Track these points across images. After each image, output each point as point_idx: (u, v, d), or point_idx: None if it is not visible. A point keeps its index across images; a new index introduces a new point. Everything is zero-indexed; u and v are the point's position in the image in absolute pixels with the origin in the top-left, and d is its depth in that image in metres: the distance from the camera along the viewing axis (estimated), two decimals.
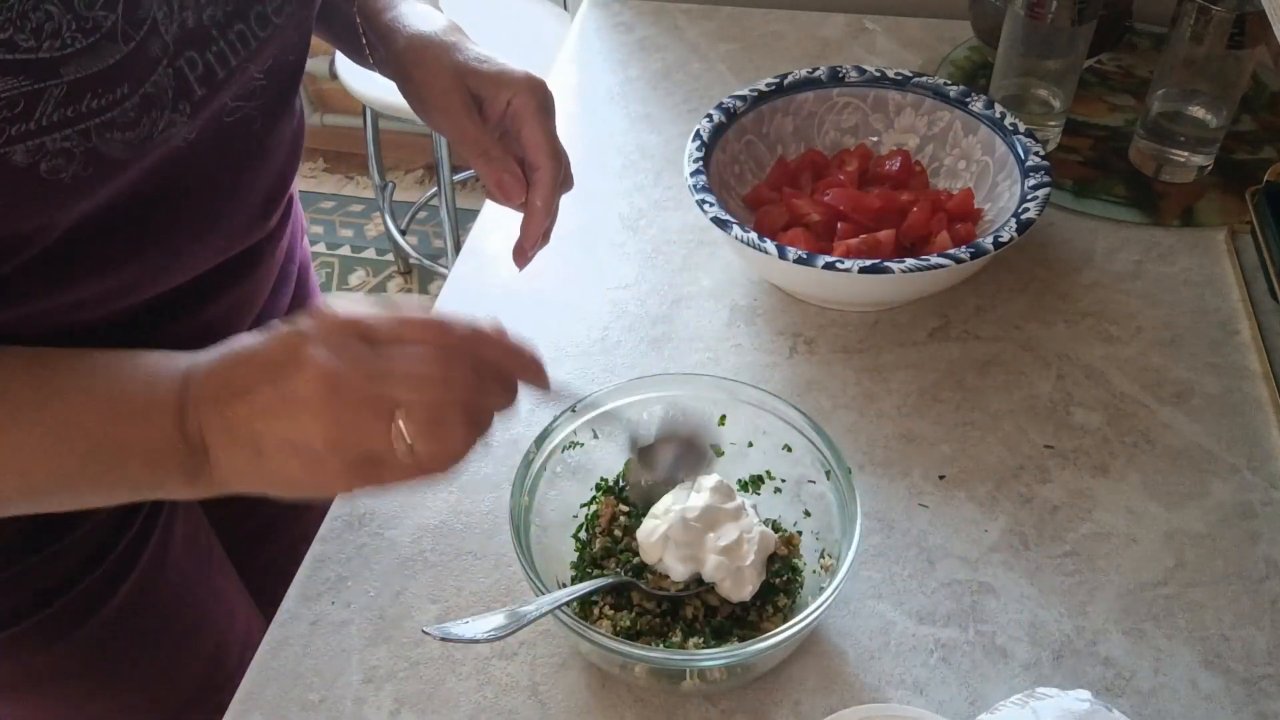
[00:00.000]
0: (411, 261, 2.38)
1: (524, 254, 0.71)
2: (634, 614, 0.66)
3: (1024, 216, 0.81)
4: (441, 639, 0.58)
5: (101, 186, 0.53)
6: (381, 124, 2.18)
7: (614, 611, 0.66)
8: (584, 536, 0.71)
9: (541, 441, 0.68)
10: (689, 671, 0.63)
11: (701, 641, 0.64)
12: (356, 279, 2.42)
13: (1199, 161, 0.97)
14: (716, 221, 0.82)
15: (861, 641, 0.68)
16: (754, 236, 0.81)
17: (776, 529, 0.70)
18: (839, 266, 0.79)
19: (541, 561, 0.65)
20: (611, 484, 0.72)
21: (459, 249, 1.21)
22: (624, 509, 0.71)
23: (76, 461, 0.51)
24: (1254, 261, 0.90)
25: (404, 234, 2.34)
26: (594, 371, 0.85)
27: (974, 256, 0.79)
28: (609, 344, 0.87)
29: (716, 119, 0.92)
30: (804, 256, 0.79)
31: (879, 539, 0.73)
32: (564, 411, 0.68)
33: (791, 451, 0.70)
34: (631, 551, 0.68)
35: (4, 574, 0.68)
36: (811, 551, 0.69)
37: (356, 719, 0.65)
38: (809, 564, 0.69)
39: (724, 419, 0.72)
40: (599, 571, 0.68)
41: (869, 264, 0.79)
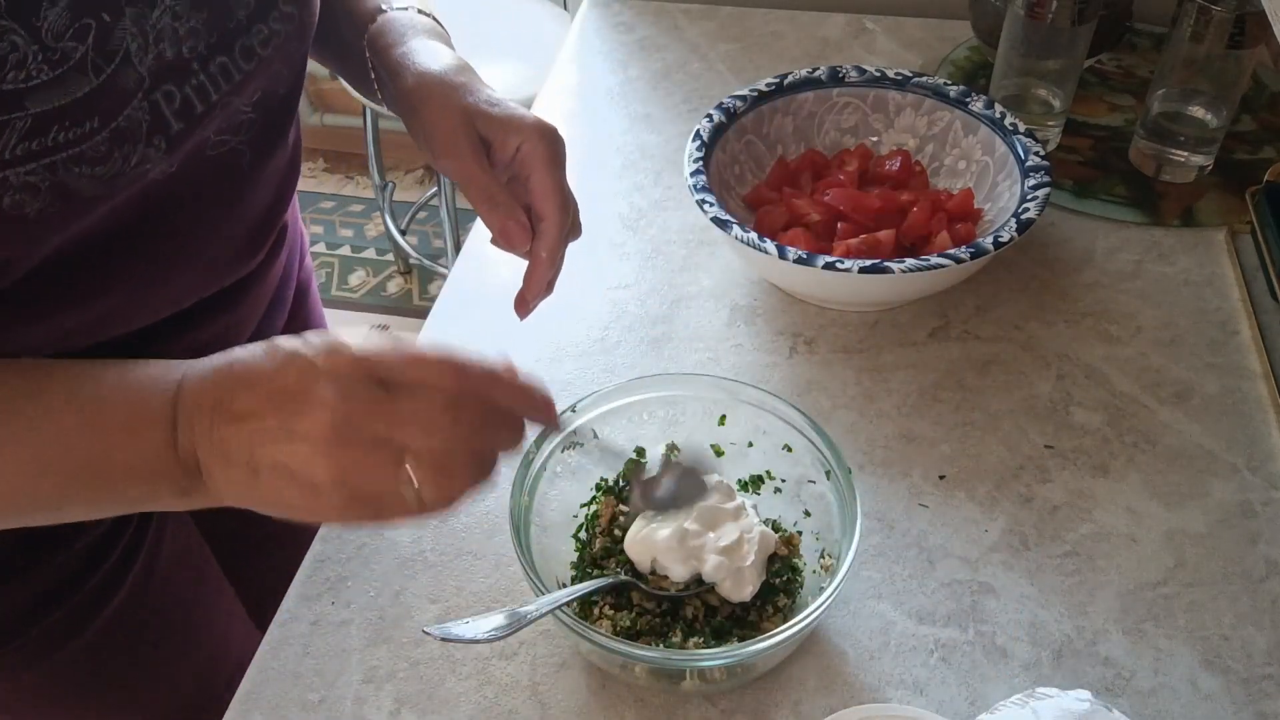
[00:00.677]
0: (411, 261, 2.38)
1: (526, 304, 0.68)
2: (634, 614, 0.66)
3: (1024, 216, 0.82)
4: (442, 639, 0.58)
5: (71, 222, 0.52)
6: (382, 124, 2.18)
7: (614, 611, 0.66)
8: (584, 536, 0.71)
9: (541, 441, 0.68)
10: (689, 671, 0.63)
11: (701, 641, 0.64)
12: (356, 279, 2.42)
13: (1199, 161, 0.97)
14: (716, 221, 0.82)
15: (861, 641, 0.68)
16: (754, 236, 0.81)
17: (776, 529, 0.70)
18: (839, 266, 0.79)
19: (541, 561, 0.65)
20: (611, 484, 0.72)
21: (459, 249, 1.20)
22: (624, 509, 0.71)
23: (67, 478, 0.51)
24: (1254, 261, 0.90)
25: (404, 234, 2.33)
26: (594, 371, 0.85)
27: (974, 256, 0.79)
28: (609, 344, 0.87)
29: (716, 119, 0.92)
30: (804, 256, 0.79)
31: (879, 539, 0.73)
32: (564, 411, 0.68)
33: (791, 451, 0.70)
34: None
35: None
36: (811, 551, 0.69)
37: (356, 719, 0.65)
38: (809, 564, 0.69)
39: (724, 419, 0.72)
40: (599, 571, 0.68)
41: (869, 264, 0.79)
